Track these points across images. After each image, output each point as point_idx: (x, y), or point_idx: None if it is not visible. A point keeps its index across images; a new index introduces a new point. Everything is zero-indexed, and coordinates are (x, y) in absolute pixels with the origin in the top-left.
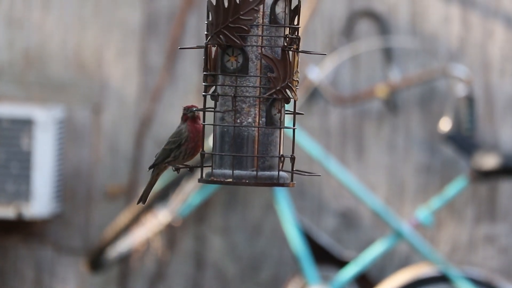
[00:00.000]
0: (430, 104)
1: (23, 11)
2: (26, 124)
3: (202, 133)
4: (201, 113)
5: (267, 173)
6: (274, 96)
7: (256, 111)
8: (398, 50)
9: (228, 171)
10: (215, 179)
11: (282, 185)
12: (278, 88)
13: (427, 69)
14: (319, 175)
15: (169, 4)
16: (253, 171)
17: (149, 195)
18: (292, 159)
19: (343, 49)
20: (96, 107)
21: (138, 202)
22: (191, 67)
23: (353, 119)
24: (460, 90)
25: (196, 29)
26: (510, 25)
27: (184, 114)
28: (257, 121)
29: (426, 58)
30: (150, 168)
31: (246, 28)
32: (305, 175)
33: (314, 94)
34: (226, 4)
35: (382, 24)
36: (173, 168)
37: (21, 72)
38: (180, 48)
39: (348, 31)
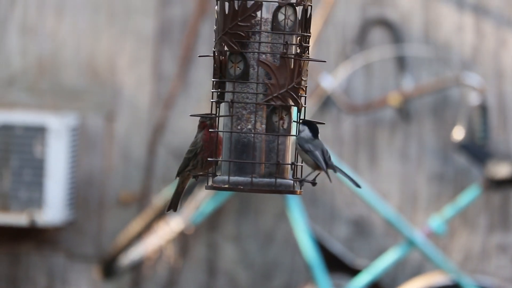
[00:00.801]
0: (443, 113)
1: (37, 18)
2: (39, 132)
3: (216, 141)
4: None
5: (265, 180)
6: (272, 102)
7: (257, 118)
8: (411, 59)
9: (227, 177)
10: (214, 185)
11: (281, 192)
12: (275, 94)
13: (440, 77)
14: (316, 183)
15: (182, 12)
16: (251, 177)
17: (174, 203)
18: (295, 166)
19: (356, 57)
20: (109, 115)
21: (168, 210)
22: (204, 74)
23: (366, 127)
24: (473, 98)
25: (209, 37)
26: None
27: (201, 122)
28: (258, 127)
29: (439, 67)
30: (176, 176)
31: (243, 34)
32: (305, 182)
33: (327, 102)
34: (227, 11)
35: (395, 33)
36: (193, 176)
37: (34, 79)
38: (199, 56)
39: (361, 40)
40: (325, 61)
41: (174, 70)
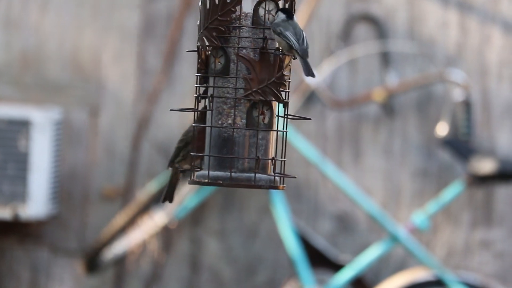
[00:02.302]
0: (427, 109)
1: (21, 12)
2: (23, 126)
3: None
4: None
5: (245, 174)
6: (251, 97)
7: (236, 112)
8: (396, 55)
9: (211, 172)
10: (196, 180)
11: (259, 187)
12: (255, 89)
13: (424, 73)
14: (295, 177)
15: (167, 7)
16: (229, 172)
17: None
18: (274, 162)
19: (341, 53)
20: (93, 109)
21: (164, 201)
22: (188, 69)
23: (350, 123)
24: (457, 95)
25: (194, 32)
26: (508, 31)
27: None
28: (237, 122)
29: (424, 63)
30: (168, 167)
31: (223, 29)
32: (282, 176)
33: (311, 97)
34: (208, 6)
35: (379, 28)
36: (180, 169)
37: (18, 73)
38: (187, 51)
39: (346, 35)
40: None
41: (158, 65)
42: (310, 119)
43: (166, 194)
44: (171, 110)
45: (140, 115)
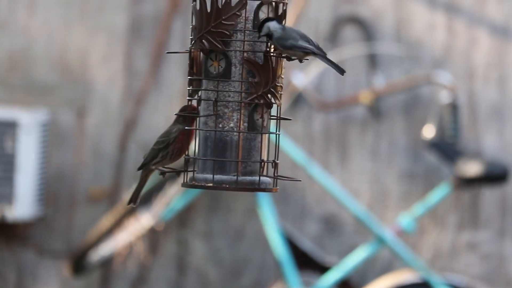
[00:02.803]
0: (414, 111)
1: (8, 13)
2: (10, 127)
3: (192, 134)
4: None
5: (248, 178)
6: (256, 101)
7: (239, 116)
8: (383, 57)
9: (210, 176)
10: (196, 184)
11: (264, 190)
12: (259, 93)
13: (411, 75)
14: (300, 180)
15: (154, 9)
16: (234, 176)
17: (135, 196)
18: (275, 164)
19: (328, 55)
20: (80, 110)
21: (129, 203)
22: (176, 71)
23: (337, 125)
24: (444, 97)
25: (181, 34)
26: (494, 33)
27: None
28: (239, 126)
29: (411, 65)
30: (139, 168)
31: (228, 33)
32: (287, 180)
33: (298, 99)
34: (208, 9)
35: (367, 30)
36: (159, 172)
37: (5, 74)
38: (167, 53)
39: (333, 37)
40: (307, 59)
41: (146, 66)
42: (290, 119)
43: (132, 196)
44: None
45: (128, 117)
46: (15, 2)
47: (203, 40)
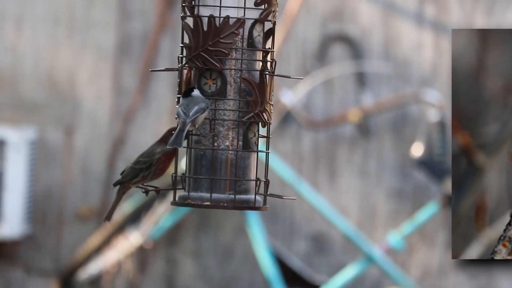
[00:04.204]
0: (402, 129)
1: None
2: None
3: (174, 156)
4: None
5: (244, 196)
6: (252, 119)
7: (234, 135)
8: (371, 75)
9: (205, 194)
10: (192, 202)
11: (259, 208)
12: (256, 111)
13: (399, 94)
14: (294, 199)
15: (142, 27)
16: (230, 194)
17: (115, 215)
18: (267, 182)
19: (317, 73)
20: (69, 129)
21: (104, 220)
22: (164, 89)
23: (325, 143)
24: (432, 115)
25: (169, 52)
26: None
27: (168, 131)
28: (235, 144)
29: (399, 83)
30: (115, 185)
31: (226, 52)
32: (280, 198)
33: (287, 117)
34: (205, 27)
35: (355, 49)
36: (143, 190)
37: None
38: (151, 71)
39: (321, 55)
40: (301, 78)
41: (134, 84)
42: (269, 137)
43: (108, 213)
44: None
45: (116, 135)
46: (2, 19)
47: (199, 59)
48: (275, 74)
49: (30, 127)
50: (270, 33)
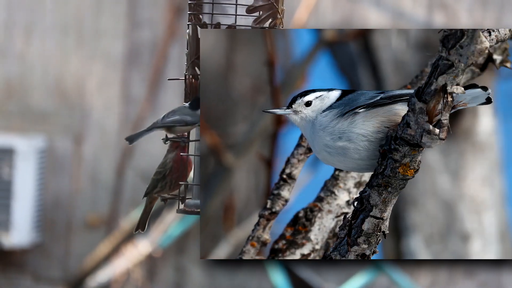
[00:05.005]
0: None
1: (5, 40)
2: (6, 154)
3: (186, 163)
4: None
5: None
6: None
7: None
8: None
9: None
10: (187, 209)
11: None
12: None
13: None
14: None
15: (151, 35)
16: None
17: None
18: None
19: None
20: (77, 137)
21: (136, 230)
22: (173, 97)
23: None
24: None
25: (178, 60)
26: None
27: (173, 143)
28: None
29: None
30: (144, 196)
31: None
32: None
33: None
34: (199, 35)
35: None
36: (161, 198)
37: (2, 101)
38: (168, 79)
39: None
40: None
41: (143, 93)
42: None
43: (139, 223)
44: (178, 137)
45: (124, 143)
46: (12, 29)
47: (195, 66)
48: None
49: (39, 136)
50: None
